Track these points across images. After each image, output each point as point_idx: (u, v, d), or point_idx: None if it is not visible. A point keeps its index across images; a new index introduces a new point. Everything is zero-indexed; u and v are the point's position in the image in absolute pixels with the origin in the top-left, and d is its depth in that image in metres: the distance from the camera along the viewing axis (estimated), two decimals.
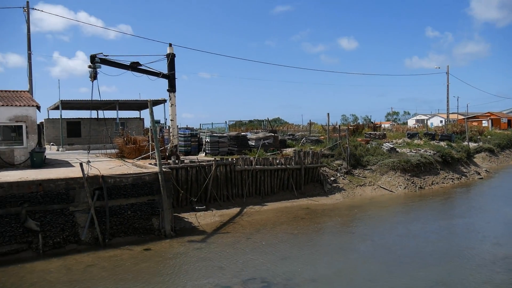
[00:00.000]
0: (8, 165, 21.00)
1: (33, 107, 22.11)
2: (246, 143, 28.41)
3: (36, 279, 12.43)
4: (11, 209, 14.22)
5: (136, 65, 21.69)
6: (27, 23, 28.51)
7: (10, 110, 21.41)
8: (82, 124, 44.94)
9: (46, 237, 14.60)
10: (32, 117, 21.97)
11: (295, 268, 13.06)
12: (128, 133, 28.64)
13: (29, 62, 28.37)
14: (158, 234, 16.48)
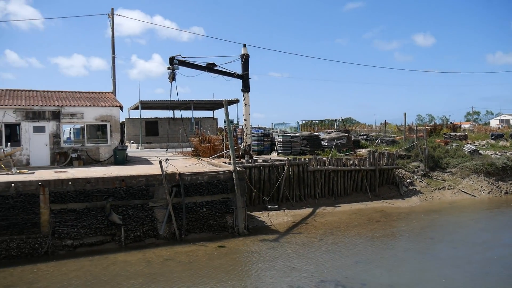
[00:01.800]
0: (94, 161, 22.41)
1: (116, 107, 23.42)
2: (319, 143, 28.10)
3: (119, 270, 13.13)
4: (97, 203, 15.17)
5: (212, 66, 22.24)
6: (111, 28, 30.23)
7: (96, 110, 22.84)
8: (160, 123, 46.90)
9: (128, 230, 15.39)
10: (115, 117, 23.28)
11: (370, 272, 12.68)
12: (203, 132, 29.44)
13: (113, 65, 30.03)
14: (231, 231, 16.77)
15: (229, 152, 20.89)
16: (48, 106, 21.90)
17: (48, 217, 14.60)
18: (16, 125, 21.79)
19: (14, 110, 21.22)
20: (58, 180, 14.97)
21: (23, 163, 21.19)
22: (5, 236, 14.09)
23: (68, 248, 14.68)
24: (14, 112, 21.18)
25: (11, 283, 12.20)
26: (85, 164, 21.84)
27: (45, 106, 21.83)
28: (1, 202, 14.16)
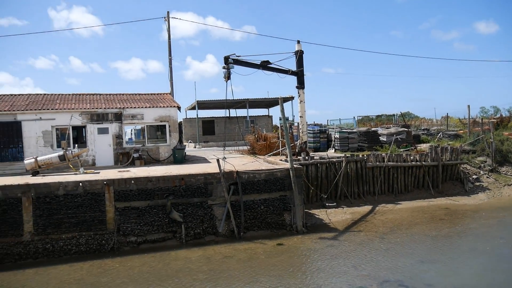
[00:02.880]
0: (154, 160, 23.14)
1: (174, 108, 24.04)
2: (377, 138, 27.38)
3: (181, 266, 13.45)
4: (159, 201, 15.64)
5: (266, 64, 22.25)
6: (167, 31, 31.08)
7: (155, 111, 23.56)
8: (216, 122, 47.67)
9: (188, 227, 15.75)
10: (174, 117, 23.90)
11: (435, 273, 12.16)
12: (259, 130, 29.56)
13: (170, 67, 30.85)
14: (289, 229, 16.71)
15: (285, 150, 20.81)
16: (110, 109, 22.87)
17: (113, 214, 15.24)
18: (82, 127, 22.94)
19: (80, 113, 22.34)
20: (122, 179, 15.57)
21: (89, 163, 22.28)
22: (75, 233, 14.88)
23: (132, 244, 15.25)
24: (80, 115, 22.31)
25: (81, 277, 12.85)
26: (146, 163, 22.60)
27: (108, 109, 22.81)
28: (71, 200, 14.96)
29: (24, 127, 21.73)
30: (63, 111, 22.21)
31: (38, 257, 14.51)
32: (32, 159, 19.05)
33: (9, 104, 22.88)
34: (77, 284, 12.34)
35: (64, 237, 14.79)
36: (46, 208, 14.76)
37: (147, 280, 12.37)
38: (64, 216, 14.86)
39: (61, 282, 12.54)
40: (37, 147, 21.82)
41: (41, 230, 14.65)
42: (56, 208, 14.83)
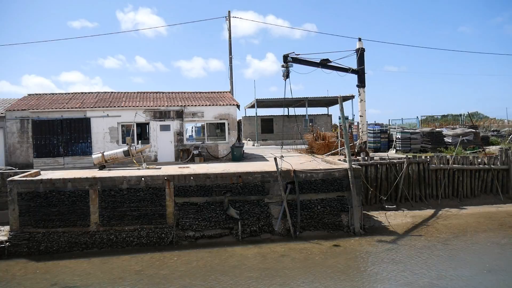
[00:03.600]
0: (213, 158, 23.58)
1: (233, 106, 24.35)
2: (441, 139, 26.21)
3: (237, 262, 13.61)
4: (216, 197, 15.91)
5: (326, 62, 21.98)
6: (228, 30, 31.55)
7: (215, 109, 24.00)
8: (274, 121, 47.76)
9: (244, 225, 15.89)
10: (233, 115, 24.22)
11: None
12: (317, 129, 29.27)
13: (230, 65, 31.32)
14: (347, 231, 16.41)
15: (344, 150, 20.45)
16: (172, 106, 23.57)
17: (172, 209, 15.71)
18: (146, 124, 23.83)
19: (144, 110, 23.22)
20: (182, 175, 16.00)
21: (151, 159, 23.11)
22: (137, 225, 15.49)
23: (190, 239, 15.63)
24: (144, 112, 23.18)
25: (141, 268, 13.35)
26: (205, 160, 23.08)
27: (170, 107, 23.53)
28: (134, 194, 15.59)
29: (92, 123, 22.93)
30: (128, 109, 23.18)
31: (103, 247, 15.26)
32: (99, 153, 20.07)
33: (80, 102, 24.24)
34: (138, 275, 12.84)
35: (126, 229, 15.45)
36: (111, 201, 15.50)
37: (204, 275, 12.63)
38: (127, 209, 15.53)
39: (123, 272, 13.11)
40: (104, 142, 22.95)
41: (106, 222, 15.40)
42: (120, 201, 15.53)
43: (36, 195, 15.27)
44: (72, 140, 22.77)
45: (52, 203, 15.28)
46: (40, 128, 22.58)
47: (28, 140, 22.63)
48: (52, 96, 25.96)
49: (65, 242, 15.15)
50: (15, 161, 22.50)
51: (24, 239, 15.01)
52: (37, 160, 22.44)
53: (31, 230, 15.13)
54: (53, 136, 22.66)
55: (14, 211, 15.17)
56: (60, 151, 22.65)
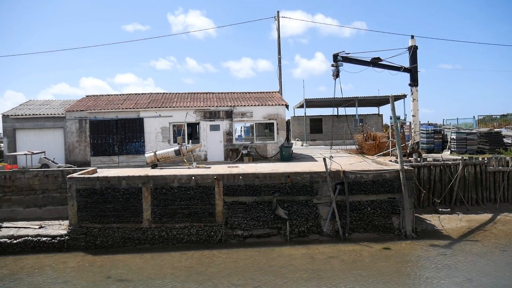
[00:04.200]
0: (262, 157, 23.68)
1: (282, 106, 24.35)
2: (501, 140, 24.93)
3: (284, 262, 13.61)
4: (265, 197, 15.98)
5: (377, 61, 21.50)
6: (277, 30, 31.58)
7: (264, 109, 24.09)
8: (324, 120, 47.30)
9: (293, 225, 15.86)
10: (281, 115, 24.23)
11: None
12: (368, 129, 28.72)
13: (279, 65, 31.35)
14: (397, 233, 15.98)
15: (395, 150, 19.94)
16: (222, 107, 23.90)
17: (221, 208, 15.93)
18: (196, 124, 24.31)
19: (195, 110, 23.69)
20: (231, 175, 16.20)
21: (201, 158, 23.54)
22: (187, 223, 15.84)
23: (239, 237, 15.79)
24: (194, 112, 23.67)
25: (191, 265, 13.65)
26: (254, 160, 23.23)
27: (219, 107, 23.88)
28: (184, 192, 15.96)
29: (145, 123, 23.68)
30: (180, 109, 23.75)
31: (155, 243, 15.73)
32: (152, 152, 20.71)
33: (134, 102, 25.10)
34: (187, 271, 13.13)
35: (177, 227, 15.84)
36: (163, 199, 15.94)
37: (252, 274, 12.72)
38: (177, 207, 15.92)
39: (174, 268, 13.45)
40: (156, 142, 23.64)
41: (158, 219, 15.86)
42: (171, 199, 15.94)
43: (93, 191, 15.98)
44: (126, 140, 23.61)
45: (107, 200, 15.93)
46: (97, 127, 23.58)
47: (85, 139, 23.70)
48: (108, 97, 27.04)
49: (119, 237, 15.75)
50: (74, 159, 23.64)
51: (82, 234, 15.75)
52: (94, 158, 23.46)
53: (88, 225, 15.85)
54: (108, 135, 23.60)
55: (73, 206, 15.95)
56: (115, 150, 23.56)
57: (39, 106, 26.96)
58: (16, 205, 18.34)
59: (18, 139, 24.81)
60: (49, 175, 18.50)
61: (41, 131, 24.96)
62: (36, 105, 27.32)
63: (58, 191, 18.30)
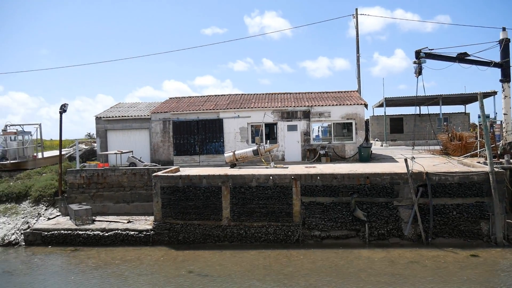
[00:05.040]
0: (340, 158, 23.35)
1: (361, 105, 23.83)
2: None
3: (363, 265, 13.33)
4: (343, 198, 15.76)
5: (464, 56, 20.33)
6: (355, 28, 30.91)
7: (342, 109, 23.73)
8: (404, 120, 45.49)
9: (372, 227, 15.48)
10: (360, 115, 23.71)
11: None
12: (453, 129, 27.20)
13: (358, 64, 30.66)
14: (487, 240, 14.99)
15: (484, 151, 18.71)
16: (299, 107, 23.91)
17: (299, 208, 15.96)
18: (273, 124, 24.54)
19: (272, 111, 23.94)
20: (308, 175, 16.17)
21: (279, 158, 23.73)
22: (265, 222, 16.07)
23: (316, 238, 15.72)
24: (272, 113, 23.91)
25: (268, 264, 13.83)
26: (332, 160, 22.97)
27: (297, 107, 23.91)
28: (262, 192, 16.21)
29: (225, 124, 24.34)
30: (257, 109, 24.11)
31: (233, 241, 16.14)
32: (231, 152, 21.26)
33: (214, 104, 25.91)
34: (265, 269, 13.32)
35: (255, 225, 16.12)
36: (241, 198, 16.31)
37: (329, 275, 12.62)
38: (255, 206, 16.20)
39: (252, 266, 13.72)
40: (235, 142, 24.20)
41: (236, 217, 16.26)
42: (249, 198, 16.27)
43: (176, 189, 16.75)
44: (206, 140, 24.44)
45: (189, 198, 16.62)
46: (179, 128, 24.65)
47: (169, 139, 24.88)
48: (190, 99, 28.16)
49: (200, 234, 16.36)
50: (158, 158, 24.92)
51: (166, 229, 16.57)
52: (176, 157, 24.55)
53: (171, 221, 16.65)
54: (190, 135, 24.57)
55: (157, 203, 16.85)
56: (196, 150, 24.47)
57: (127, 109, 28.74)
58: (107, 200, 19.74)
59: (109, 139, 26.65)
60: (136, 173, 19.69)
61: (129, 132, 26.60)
62: (124, 108, 29.17)
63: (144, 188, 19.41)
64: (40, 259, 15.48)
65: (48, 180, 21.71)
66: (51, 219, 19.00)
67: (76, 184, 20.06)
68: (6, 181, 22.69)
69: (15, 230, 18.11)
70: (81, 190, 19.98)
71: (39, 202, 20.51)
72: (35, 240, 17.14)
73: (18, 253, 16.40)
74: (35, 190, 20.92)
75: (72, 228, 17.16)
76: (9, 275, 13.96)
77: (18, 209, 20.22)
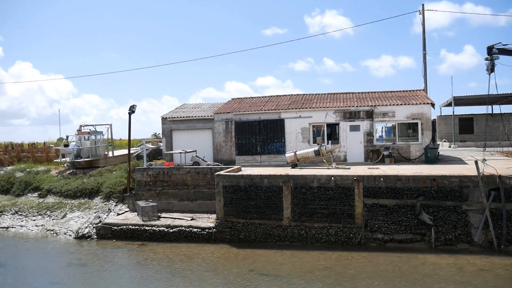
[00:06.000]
0: (404, 159, 22.63)
1: (427, 105, 22.94)
2: None
3: (428, 271, 12.84)
4: (407, 200, 15.26)
5: None
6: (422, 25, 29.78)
7: (407, 109, 22.98)
8: (475, 120, 43.20)
9: (438, 232, 14.87)
10: (427, 114, 22.84)
11: None
12: None
13: (424, 61, 29.52)
14: None
15: None
16: (362, 107, 23.44)
17: (361, 210, 15.66)
18: (335, 124, 24.25)
19: (334, 111, 23.66)
20: (371, 176, 15.83)
21: (340, 159, 23.41)
22: (326, 223, 15.93)
23: (379, 241, 15.35)
24: (334, 113, 23.63)
25: (329, 265, 13.71)
26: (396, 161, 22.32)
27: (359, 107, 23.45)
28: (323, 192, 16.08)
29: (286, 124, 24.39)
30: (319, 110, 23.93)
31: (294, 241, 16.15)
32: (292, 152, 21.28)
33: (275, 104, 26.04)
34: (326, 271, 13.22)
35: (316, 226, 16.03)
36: (302, 198, 16.28)
37: (393, 280, 12.29)
38: (316, 207, 16.10)
39: (312, 267, 13.66)
40: (296, 142, 24.18)
41: (297, 217, 16.25)
42: (310, 198, 16.19)
43: (237, 188, 17.03)
44: (268, 140, 24.61)
45: (250, 197, 16.83)
46: (241, 128, 25.02)
47: (231, 139, 25.32)
48: (251, 100, 28.48)
49: (261, 233, 16.52)
50: (221, 157, 25.44)
51: (227, 227, 16.90)
52: (238, 157, 24.93)
53: (233, 219, 16.95)
54: (251, 136, 24.86)
55: (219, 201, 17.22)
56: (257, 150, 24.71)
57: (191, 109, 29.59)
58: (172, 198, 20.46)
59: (174, 139, 27.57)
60: (200, 172, 20.24)
61: (193, 132, 27.37)
62: (188, 108, 30.05)
63: (207, 187, 19.90)
64: (110, 252, 16.37)
65: (117, 177, 22.91)
66: (120, 214, 20.02)
67: (143, 182, 20.98)
68: (80, 178, 24.19)
69: (88, 224, 19.27)
70: (147, 187, 20.86)
71: (109, 198, 21.70)
72: (106, 234, 18.14)
73: (90, 245, 17.44)
74: (106, 187, 22.15)
75: (139, 223, 17.97)
76: (82, 266, 14.91)
77: (90, 204, 21.51)
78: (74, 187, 22.79)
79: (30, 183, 24.60)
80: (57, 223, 20.29)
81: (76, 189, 22.64)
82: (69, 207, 21.52)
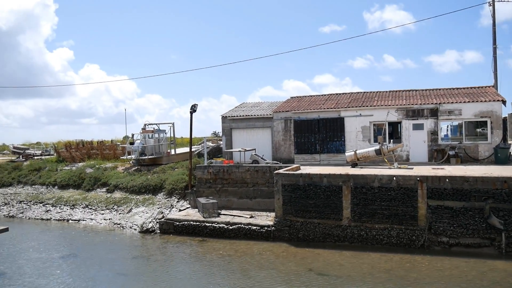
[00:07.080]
0: (472, 159, 21.55)
1: (498, 102, 21.69)
2: None
3: (498, 278, 12.17)
4: (475, 203, 14.54)
5: None
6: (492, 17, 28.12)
7: (475, 106, 21.85)
8: None
9: (510, 237, 14.04)
10: (497, 112, 21.60)
11: None
12: None
13: (494, 56, 27.83)
14: None
15: None
16: (426, 104, 22.57)
17: (425, 211, 15.11)
18: (397, 123, 23.55)
19: (396, 109, 22.96)
20: (436, 177, 15.23)
21: (403, 159, 22.70)
22: (387, 224, 15.53)
23: (444, 245, 14.75)
24: (396, 111, 22.94)
25: (391, 267, 13.36)
26: (462, 162, 21.32)
27: (423, 105, 22.61)
28: (384, 193, 15.68)
29: (346, 123, 24.00)
30: (380, 108, 23.32)
31: (353, 241, 15.89)
32: (352, 152, 20.92)
33: (335, 102, 25.70)
34: (387, 274, 12.89)
35: (376, 227, 15.67)
36: (362, 198, 15.97)
37: (459, 285, 11.78)
38: (377, 207, 15.73)
39: (372, 268, 13.37)
40: (356, 141, 23.72)
41: (357, 218, 15.97)
42: (371, 198, 15.85)
43: (296, 187, 17.02)
44: (327, 139, 24.35)
45: (309, 196, 16.76)
46: (300, 127, 24.93)
47: (290, 138, 25.31)
48: (310, 98, 28.29)
49: (320, 232, 16.40)
50: (280, 156, 25.50)
51: (286, 226, 16.94)
52: (297, 156, 24.87)
53: (291, 218, 16.96)
54: (310, 134, 24.70)
55: (278, 200, 17.29)
56: (316, 148, 24.52)
57: (250, 108, 29.90)
58: (231, 195, 20.82)
59: (233, 137, 28.01)
60: (259, 170, 20.42)
61: (252, 130, 27.66)
62: (247, 107, 30.39)
63: (266, 185, 20.04)
64: (172, 246, 16.95)
65: (179, 174, 23.65)
66: (182, 210, 20.66)
67: (204, 179, 21.50)
68: (144, 175, 25.22)
69: (152, 219, 20.05)
70: (208, 184, 21.35)
71: (171, 195, 22.46)
72: (168, 229, 18.79)
73: (154, 239, 18.15)
74: (169, 183, 22.95)
75: (200, 220, 18.45)
76: (146, 259, 15.56)
77: (154, 200, 22.38)
78: (139, 183, 23.82)
79: (99, 178, 26.04)
80: (123, 217, 21.30)
81: (140, 185, 23.65)
82: (134, 202, 22.53)
